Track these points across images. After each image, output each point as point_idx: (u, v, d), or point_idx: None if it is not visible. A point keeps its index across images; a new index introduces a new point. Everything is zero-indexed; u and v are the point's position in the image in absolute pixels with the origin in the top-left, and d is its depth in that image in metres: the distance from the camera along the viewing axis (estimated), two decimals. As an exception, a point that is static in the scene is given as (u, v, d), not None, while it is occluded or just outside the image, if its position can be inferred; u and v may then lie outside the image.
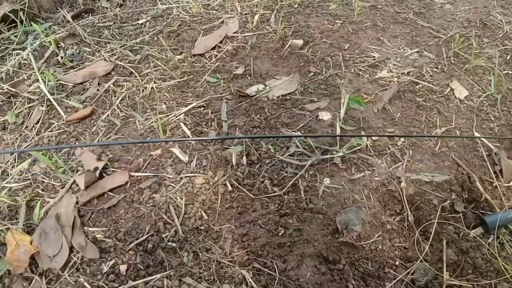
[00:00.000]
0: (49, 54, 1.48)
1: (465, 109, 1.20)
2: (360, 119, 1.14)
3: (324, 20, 1.57)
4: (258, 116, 1.16)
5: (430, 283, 0.85)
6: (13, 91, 1.33)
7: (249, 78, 1.31)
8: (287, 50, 1.41)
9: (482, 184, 1.02)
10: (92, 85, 1.34)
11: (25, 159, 1.11)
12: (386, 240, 0.91)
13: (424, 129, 1.13)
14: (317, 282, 0.82)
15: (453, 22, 1.57)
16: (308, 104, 1.19)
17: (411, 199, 0.97)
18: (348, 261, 0.86)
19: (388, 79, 1.28)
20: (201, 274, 0.83)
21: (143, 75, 1.35)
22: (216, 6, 1.70)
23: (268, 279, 0.83)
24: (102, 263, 0.85)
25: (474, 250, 0.89)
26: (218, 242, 0.89)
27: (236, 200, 0.96)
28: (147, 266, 0.85)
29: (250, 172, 1.02)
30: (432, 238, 0.91)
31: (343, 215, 0.91)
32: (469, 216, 0.96)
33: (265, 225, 0.91)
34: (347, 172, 1.01)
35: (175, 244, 0.88)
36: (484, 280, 0.84)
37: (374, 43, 1.44)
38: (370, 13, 1.61)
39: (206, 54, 1.42)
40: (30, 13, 1.65)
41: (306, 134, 1.07)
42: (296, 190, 0.97)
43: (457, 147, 1.09)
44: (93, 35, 1.57)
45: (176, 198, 0.96)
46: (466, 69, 1.33)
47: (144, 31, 1.58)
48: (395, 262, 0.88)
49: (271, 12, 1.61)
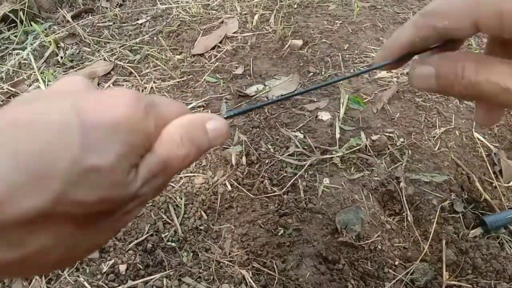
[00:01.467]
0: (49, 54, 1.48)
1: (465, 109, 1.20)
2: (360, 119, 1.14)
3: (323, 20, 1.57)
4: (257, 116, 1.16)
5: (430, 283, 0.85)
6: (13, 91, 1.33)
7: (249, 78, 1.31)
8: (287, 50, 1.41)
9: (482, 184, 1.02)
10: (92, 85, 1.33)
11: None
12: (385, 240, 0.91)
13: (423, 129, 1.13)
14: (317, 282, 0.82)
15: (452, 23, 1.57)
16: (308, 104, 1.20)
17: (411, 199, 0.97)
18: (348, 261, 0.86)
19: (388, 79, 1.29)
20: (201, 274, 0.83)
21: (143, 75, 1.35)
22: (215, 6, 1.70)
23: (268, 278, 0.83)
24: (102, 262, 0.85)
25: (474, 250, 0.89)
26: (217, 242, 0.89)
27: (236, 200, 0.96)
28: (147, 265, 0.85)
29: (249, 172, 1.02)
30: (432, 238, 0.91)
31: (343, 215, 0.91)
32: (469, 216, 0.96)
33: (265, 225, 0.91)
34: (346, 172, 1.01)
35: (175, 244, 0.88)
36: (483, 280, 0.84)
37: (374, 44, 1.44)
38: (370, 14, 1.61)
39: (206, 54, 1.42)
40: (30, 13, 1.65)
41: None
42: (296, 190, 0.97)
43: (456, 147, 1.09)
44: (92, 35, 1.57)
45: (175, 198, 0.96)
46: (465, 70, 1.33)
47: (143, 31, 1.58)
48: (395, 262, 0.88)
49: (270, 13, 1.62)
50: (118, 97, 0.24)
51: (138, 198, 0.24)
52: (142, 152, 0.24)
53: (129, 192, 0.23)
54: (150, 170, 0.24)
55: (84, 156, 0.21)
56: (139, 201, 0.25)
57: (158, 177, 0.25)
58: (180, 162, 0.26)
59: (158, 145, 0.25)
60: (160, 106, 0.26)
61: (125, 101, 0.24)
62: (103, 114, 0.22)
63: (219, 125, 0.28)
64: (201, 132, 0.27)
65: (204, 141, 0.27)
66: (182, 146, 0.26)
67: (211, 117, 0.28)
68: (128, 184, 0.23)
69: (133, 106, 0.24)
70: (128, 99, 0.24)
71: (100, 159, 0.21)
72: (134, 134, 0.23)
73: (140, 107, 0.24)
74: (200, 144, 0.27)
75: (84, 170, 0.21)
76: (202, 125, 0.27)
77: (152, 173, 0.24)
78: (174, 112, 0.27)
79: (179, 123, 0.26)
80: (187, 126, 0.26)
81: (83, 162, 0.21)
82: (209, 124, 0.28)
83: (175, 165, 0.26)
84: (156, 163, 0.25)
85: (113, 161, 0.22)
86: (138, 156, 0.24)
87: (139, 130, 0.24)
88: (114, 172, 0.22)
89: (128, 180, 0.23)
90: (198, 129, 0.27)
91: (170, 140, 0.25)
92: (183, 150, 0.26)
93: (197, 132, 0.27)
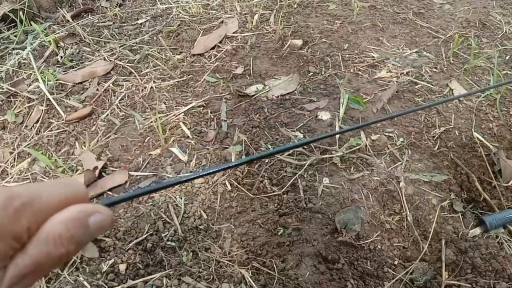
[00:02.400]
0: (48, 54, 1.48)
1: (464, 109, 1.20)
2: (359, 119, 1.14)
3: (323, 20, 1.57)
4: (257, 116, 1.16)
5: (429, 282, 0.85)
6: (12, 91, 1.33)
7: (249, 78, 1.31)
8: (287, 50, 1.41)
9: (481, 184, 1.02)
10: (92, 84, 1.34)
11: (25, 159, 1.11)
12: (385, 240, 0.91)
13: (423, 129, 1.13)
14: (316, 282, 0.82)
15: (452, 22, 1.57)
16: (308, 104, 1.20)
17: (410, 199, 0.97)
18: (347, 261, 0.86)
19: (387, 79, 1.29)
20: (200, 273, 0.83)
21: (143, 74, 1.35)
22: (215, 6, 1.70)
23: (267, 278, 0.83)
24: (102, 262, 0.85)
25: (473, 250, 0.90)
26: (217, 242, 0.89)
27: (235, 199, 0.97)
28: (147, 265, 0.85)
29: (249, 171, 1.02)
30: (431, 238, 0.91)
31: (342, 214, 0.91)
32: (468, 216, 0.96)
33: (264, 224, 0.91)
34: (346, 171, 1.01)
35: (174, 244, 0.88)
36: (482, 280, 0.85)
37: (373, 43, 1.44)
38: (369, 13, 1.61)
39: (206, 54, 1.42)
40: (29, 13, 1.65)
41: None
42: (295, 189, 0.97)
43: (456, 147, 1.10)
44: (92, 34, 1.57)
45: (175, 197, 0.96)
46: (465, 69, 1.33)
47: (143, 31, 1.58)
48: (394, 262, 0.88)
49: (270, 12, 1.62)
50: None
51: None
52: (10, 254, 0.24)
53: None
54: (19, 271, 0.24)
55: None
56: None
57: (28, 277, 0.24)
58: (56, 261, 0.25)
59: (32, 245, 0.24)
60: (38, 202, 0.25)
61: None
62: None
63: (103, 218, 0.27)
64: (83, 228, 0.26)
65: (86, 237, 0.26)
66: (60, 245, 0.25)
67: (95, 209, 0.27)
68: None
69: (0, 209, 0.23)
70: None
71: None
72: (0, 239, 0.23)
73: (9, 211, 0.23)
74: (81, 241, 0.26)
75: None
76: (84, 220, 0.26)
77: (21, 275, 0.24)
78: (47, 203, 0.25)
79: (59, 219, 0.25)
80: (68, 223, 0.25)
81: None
82: (92, 218, 0.26)
83: (50, 265, 0.25)
84: (27, 264, 0.24)
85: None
86: (4, 259, 0.23)
87: (6, 234, 0.23)
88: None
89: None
90: (80, 226, 0.26)
91: (46, 239, 0.24)
92: (60, 249, 0.25)
93: (79, 229, 0.26)
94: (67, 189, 0.27)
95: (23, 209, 0.24)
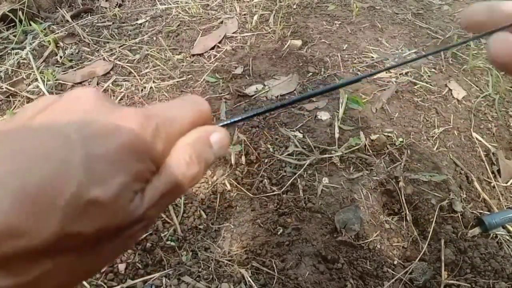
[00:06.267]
0: (48, 54, 1.48)
1: (463, 109, 1.20)
2: (359, 119, 1.14)
3: (322, 20, 1.57)
4: (257, 116, 1.16)
5: (429, 282, 0.85)
6: (12, 91, 1.33)
7: (248, 78, 1.31)
8: (286, 50, 1.42)
9: (480, 184, 1.02)
10: (91, 84, 1.34)
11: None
12: (384, 240, 0.91)
13: (422, 129, 1.13)
14: (316, 281, 0.82)
15: (451, 23, 1.57)
16: (307, 104, 1.20)
17: (410, 199, 0.97)
18: (347, 260, 0.86)
19: (387, 79, 1.29)
20: (200, 273, 0.83)
21: (142, 74, 1.35)
22: (215, 6, 1.70)
23: (267, 278, 0.83)
24: (101, 262, 0.85)
25: (472, 250, 0.90)
26: (217, 241, 0.89)
27: (235, 199, 0.97)
28: (146, 265, 0.85)
29: (249, 171, 1.02)
30: (431, 238, 0.92)
31: (342, 214, 0.91)
32: (467, 216, 0.96)
33: (264, 224, 0.91)
34: (345, 171, 1.01)
35: (174, 243, 0.88)
36: (482, 280, 0.85)
37: (373, 44, 1.45)
38: (369, 14, 1.61)
39: (205, 54, 1.43)
40: (29, 13, 1.65)
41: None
42: (295, 189, 0.98)
43: (455, 147, 1.10)
44: (92, 35, 1.57)
45: (175, 197, 0.96)
46: (464, 70, 1.33)
47: (143, 31, 1.58)
48: (394, 262, 0.88)
49: (270, 13, 1.62)
50: (126, 120, 0.23)
51: (144, 221, 0.24)
52: (148, 177, 0.24)
53: (133, 217, 0.23)
54: (158, 192, 0.24)
55: (86, 189, 0.20)
56: (144, 224, 0.24)
57: (166, 198, 0.25)
58: (190, 181, 0.26)
59: (167, 167, 0.25)
60: (172, 125, 0.26)
61: (131, 125, 0.23)
62: (108, 141, 0.22)
63: (222, 136, 0.28)
64: (207, 147, 0.27)
65: (211, 156, 0.27)
66: (192, 165, 0.26)
67: (214, 129, 0.28)
68: (132, 211, 0.23)
69: (139, 131, 0.23)
70: (135, 123, 0.23)
71: (102, 192, 0.21)
72: (139, 160, 0.23)
73: (147, 131, 0.24)
74: (208, 159, 0.27)
75: (85, 204, 0.20)
76: (207, 139, 0.27)
77: (160, 196, 0.24)
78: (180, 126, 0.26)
79: (187, 142, 0.26)
80: (195, 144, 0.26)
81: (84, 196, 0.20)
82: (213, 137, 0.28)
83: (186, 185, 0.26)
84: (165, 184, 0.24)
85: (116, 192, 0.21)
86: (143, 181, 0.24)
87: (145, 155, 0.23)
88: (116, 203, 0.22)
89: (130, 209, 0.23)
90: (205, 145, 0.27)
91: (180, 160, 0.25)
92: (194, 169, 0.26)
93: (205, 148, 0.27)
94: (195, 108, 0.28)
95: (159, 131, 0.24)
